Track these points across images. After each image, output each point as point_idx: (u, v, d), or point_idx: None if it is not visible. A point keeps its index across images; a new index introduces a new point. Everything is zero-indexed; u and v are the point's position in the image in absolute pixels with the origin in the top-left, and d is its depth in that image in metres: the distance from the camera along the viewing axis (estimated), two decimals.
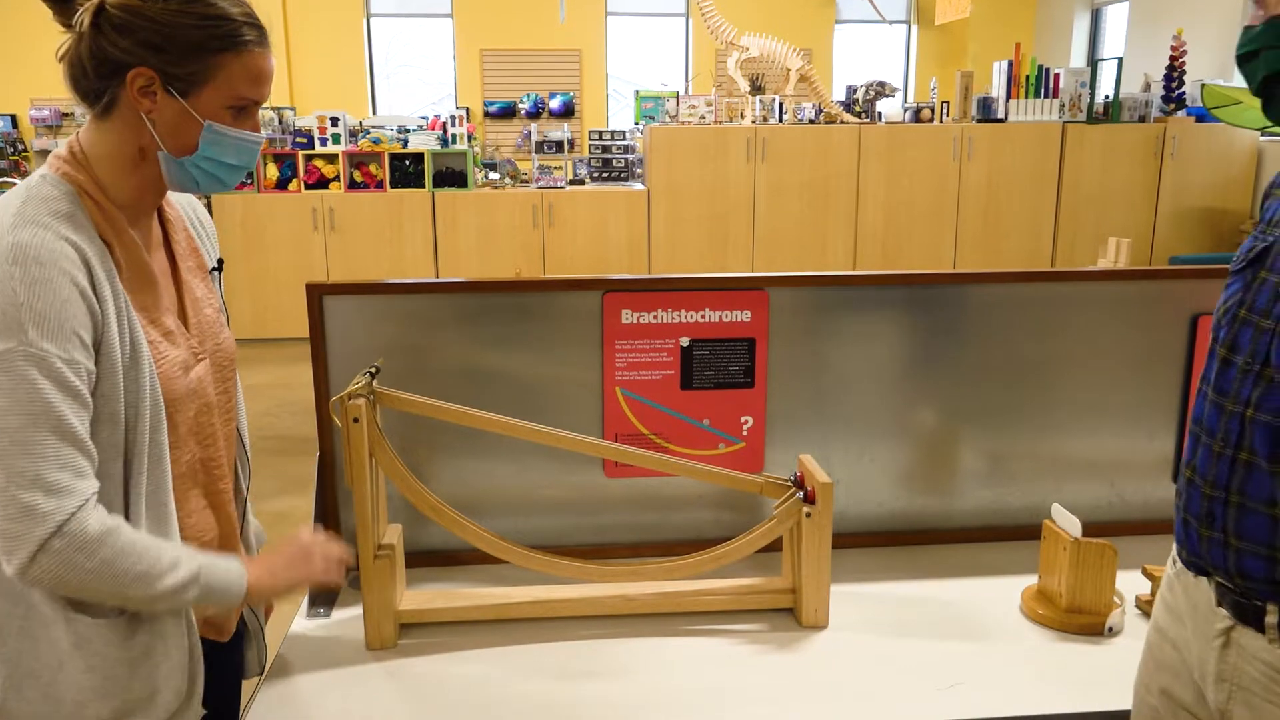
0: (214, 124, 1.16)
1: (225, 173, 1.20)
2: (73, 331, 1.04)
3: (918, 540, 1.89)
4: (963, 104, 7.05)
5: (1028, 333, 1.84)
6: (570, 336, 1.76)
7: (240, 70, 1.15)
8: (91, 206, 1.13)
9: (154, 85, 1.12)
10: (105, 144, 1.16)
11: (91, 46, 1.11)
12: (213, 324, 1.32)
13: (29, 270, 1.02)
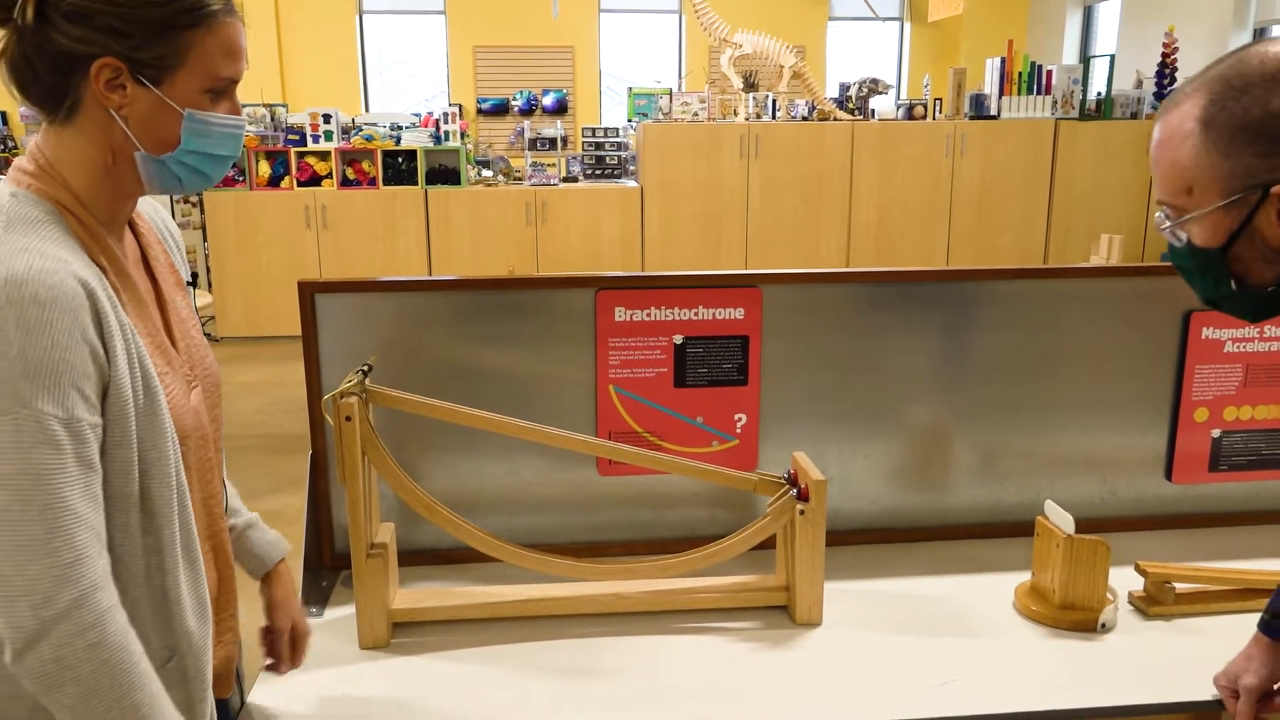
0: (194, 111, 1.02)
1: (211, 165, 1.07)
2: (73, 385, 0.91)
3: (911, 537, 1.89)
4: (955, 101, 7.05)
5: (1021, 329, 1.84)
6: (563, 334, 1.75)
7: (215, 46, 1.03)
8: (75, 225, 1.00)
9: (121, 76, 0.98)
10: (74, 151, 1.01)
11: (40, 41, 0.96)
12: (200, 346, 1.18)
13: (25, 313, 0.88)
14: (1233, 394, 1.89)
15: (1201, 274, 0.98)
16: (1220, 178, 0.91)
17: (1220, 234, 0.94)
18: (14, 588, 0.88)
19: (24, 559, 0.88)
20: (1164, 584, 1.59)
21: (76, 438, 0.91)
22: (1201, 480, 1.93)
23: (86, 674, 0.90)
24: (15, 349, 0.88)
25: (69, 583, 0.90)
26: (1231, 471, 1.93)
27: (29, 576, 0.88)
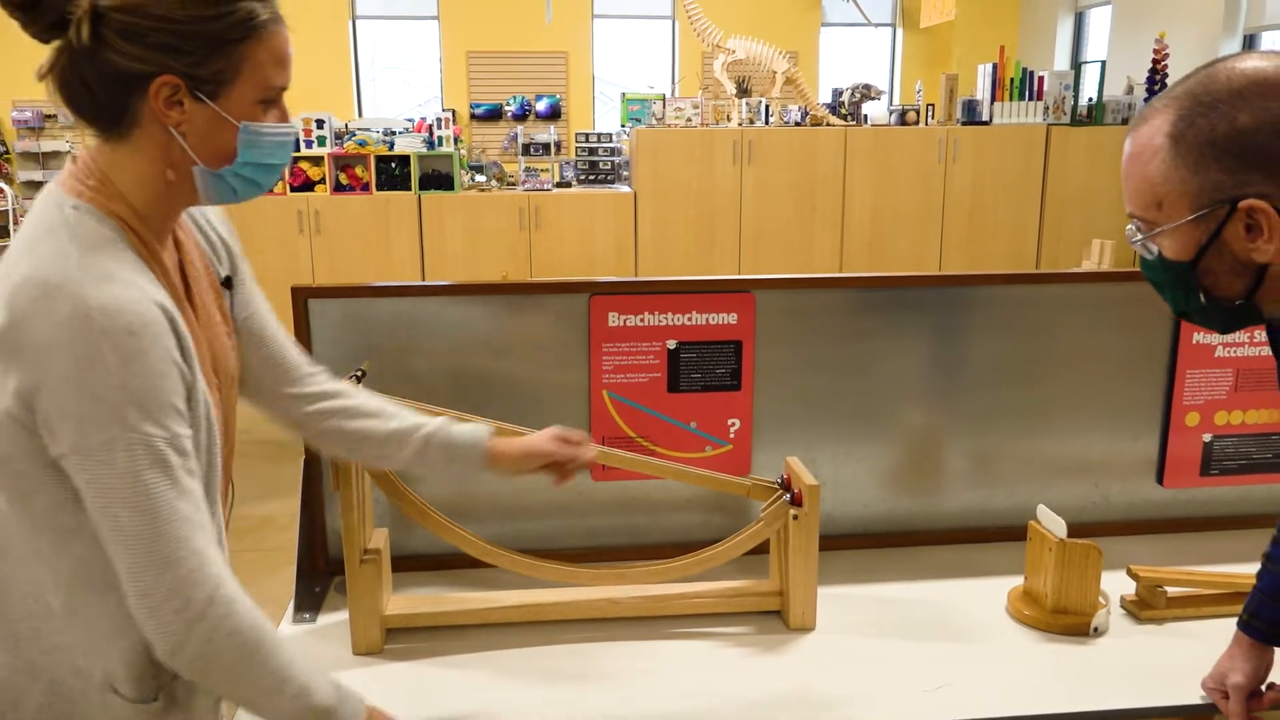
0: (249, 124, 1.02)
1: (264, 175, 1.07)
2: (171, 405, 0.96)
3: (904, 542, 1.90)
4: (948, 107, 7.07)
5: (1013, 334, 1.84)
6: (557, 339, 1.75)
7: (266, 56, 1.02)
8: (136, 243, 1.01)
9: (179, 93, 0.98)
10: (130, 168, 1.02)
11: (95, 60, 0.96)
12: (224, 349, 1.17)
13: (121, 343, 0.92)
14: (1223, 398, 1.89)
15: (1172, 286, 0.99)
16: (1189, 192, 0.92)
17: (1190, 247, 0.95)
18: (156, 598, 0.96)
19: (158, 571, 0.95)
20: (1156, 588, 1.60)
21: (180, 453, 0.97)
22: (1193, 484, 1.94)
23: (230, 659, 0.99)
24: (117, 378, 0.92)
25: (199, 585, 0.97)
26: (1222, 476, 1.94)
27: (167, 586, 0.96)
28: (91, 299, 0.92)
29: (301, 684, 1.04)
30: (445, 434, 1.34)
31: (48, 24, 0.96)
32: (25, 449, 0.96)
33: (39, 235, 0.98)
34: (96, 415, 0.92)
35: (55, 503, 0.99)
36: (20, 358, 0.92)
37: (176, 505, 0.96)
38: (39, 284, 0.93)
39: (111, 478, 0.94)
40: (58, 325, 0.91)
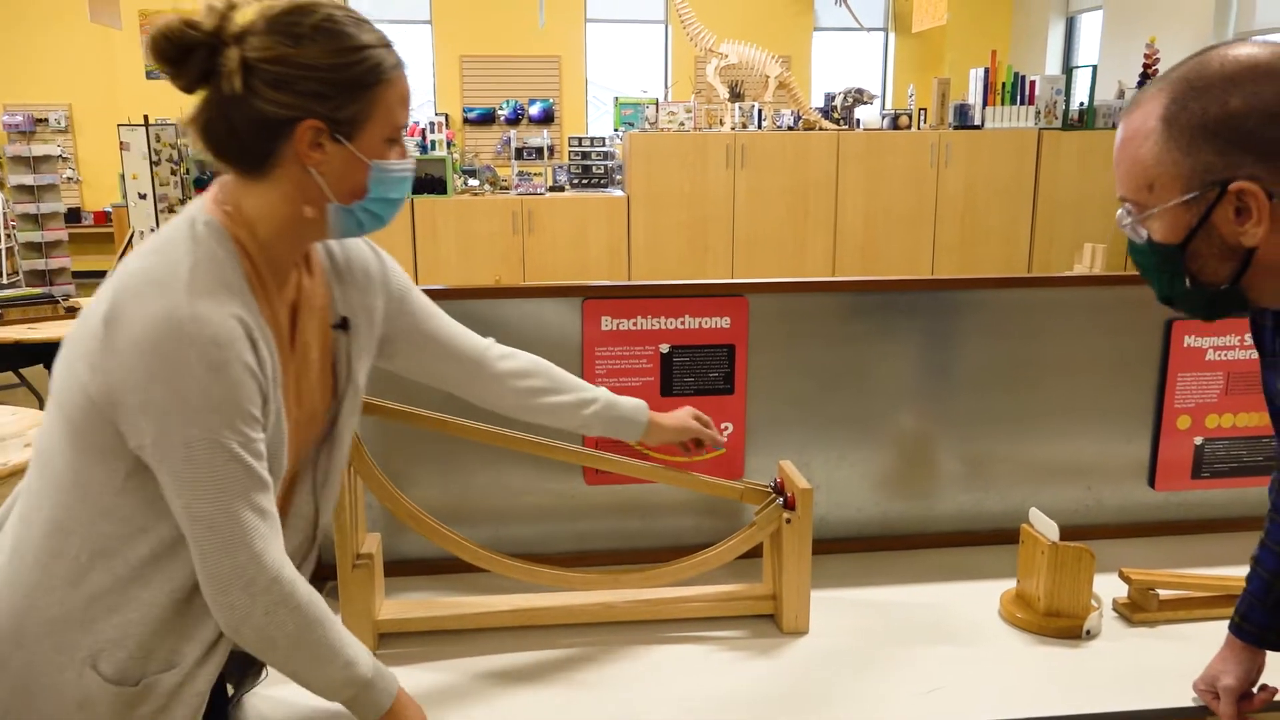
0: (379, 162, 1.09)
1: (387, 209, 1.13)
2: (248, 412, 1.03)
3: (897, 545, 1.90)
4: (940, 111, 7.09)
5: (1005, 338, 1.85)
6: (550, 343, 1.75)
7: (394, 98, 1.09)
8: (249, 267, 1.08)
9: (322, 135, 1.05)
10: (264, 204, 1.09)
11: (244, 108, 1.03)
12: (317, 388, 1.22)
13: (206, 352, 0.99)
14: (1214, 401, 1.90)
15: (1159, 270, 0.99)
16: (1181, 175, 0.93)
17: (1179, 230, 0.95)
18: (225, 578, 1.04)
19: (228, 554, 1.03)
20: (1148, 590, 1.60)
21: (254, 455, 1.05)
22: (1184, 487, 1.94)
23: (291, 630, 1.08)
24: (201, 384, 0.99)
25: (265, 567, 1.05)
26: (1214, 478, 1.94)
27: (235, 566, 1.04)
28: (185, 306, 0.99)
29: (349, 657, 1.13)
30: (615, 406, 1.51)
31: (194, 76, 1.04)
32: (92, 425, 1.02)
33: (166, 238, 1.07)
34: (181, 415, 0.99)
35: (103, 480, 1.05)
36: (115, 348, 0.99)
37: (249, 495, 1.04)
38: (145, 281, 1.01)
39: (190, 473, 1.01)
40: (151, 324, 0.98)
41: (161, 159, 7.24)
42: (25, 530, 1.08)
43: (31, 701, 1.06)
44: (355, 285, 1.27)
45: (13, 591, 1.07)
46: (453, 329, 1.41)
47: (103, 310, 1.01)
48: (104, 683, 1.07)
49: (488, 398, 1.45)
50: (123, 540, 1.06)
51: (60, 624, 1.06)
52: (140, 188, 7.21)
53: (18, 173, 7.84)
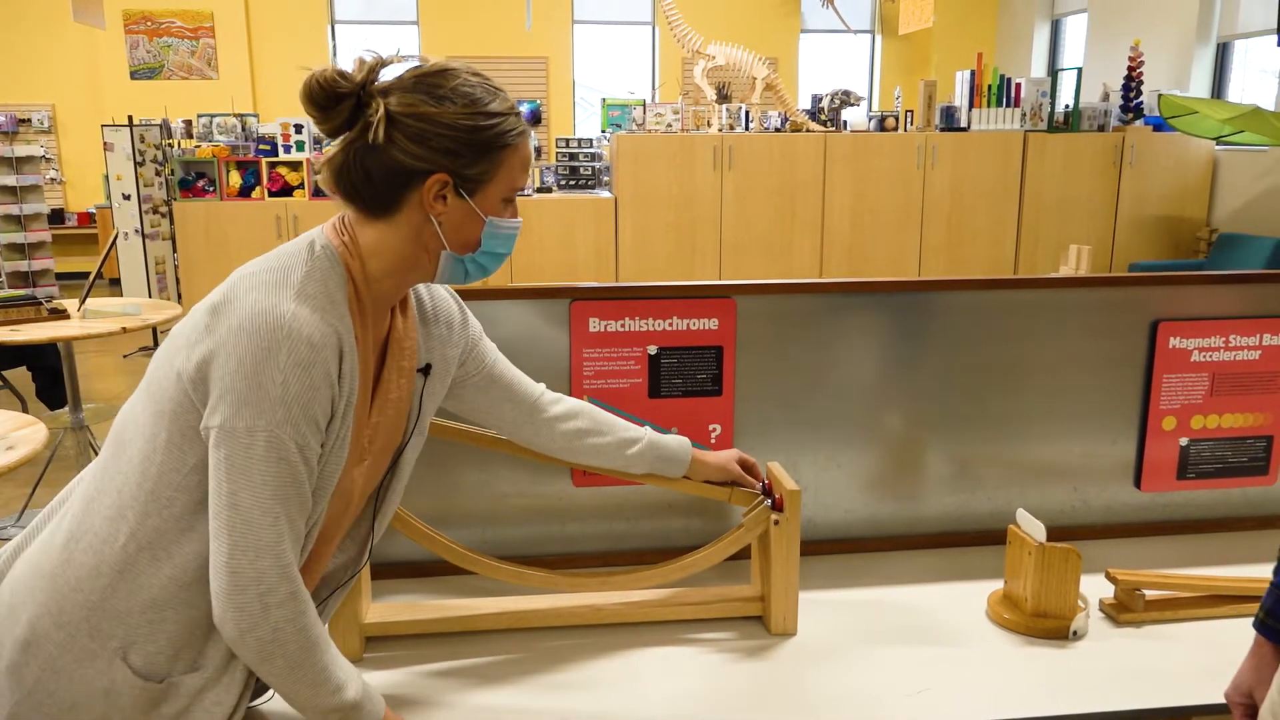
0: (494, 219, 1.17)
1: (493, 262, 1.21)
2: (315, 418, 1.07)
3: (885, 546, 1.90)
4: (926, 113, 7.13)
5: (992, 339, 1.85)
6: (538, 345, 1.75)
7: (518, 162, 1.17)
8: (353, 296, 1.14)
9: (447, 189, 1.13)
10: (381, 241, 1.16)
11: (381, 156, 1.11)
12: (391, 426, 1.27)
13: (298, 350, 1.04)
14: (1199, 403, 1.91)
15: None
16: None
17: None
18: (244, 579, 1.04)
19: (256, 556, 1.04)
20: (1134, 591, 1.61)
21: (307, 463, 1.08)
22: (1170, 488, 1.96)
23: (292, 649, 1.07)
24: (282, 376, 1.03)
25: (287, 579, 1.06)
26: (1199, 479, 1.95)
27: (259, 570, 1.04)
28: (289, 303, 1.06)
29: (339, 681, 1.12)
30: (659, 445, 1.55)
31: (339, 122, 1.12)
32: (177, 410, 1.07)
33: (285, 250, 1.14)
34: (254, 401, 1.03)
35: (169, 469, 1.08)
36: (215, 331, 1.05)
37: (289, 503, 1.06)
38: (258, 281, 1.08)
39: (246, 460, 1.04)
40: (254, 315, 1.04)
41: (145, 159, 7.20)
42: (86, 512, 1.11)
43: (60, 682, 1.08)
44: (439, 333, 1.34)
45: (64, 568, 1.09)
46: (513, 374, 1.47)
47: (212, 300, 1.08)
48: (131, 675, 1.08)
49: (537, 440, 1.50)
50: (170, 537, 1.08)
51: (99, 610, 1.08)
52: (124, 188, 7.17)
53: (0, 173, 7.78)
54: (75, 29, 8.91)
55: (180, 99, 9.40)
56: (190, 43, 9.99)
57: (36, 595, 1.09)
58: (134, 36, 9.96)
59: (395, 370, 1.25)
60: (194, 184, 6.93)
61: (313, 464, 1.09)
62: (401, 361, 1.26)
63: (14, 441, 2.40)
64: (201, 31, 9.97)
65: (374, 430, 1.23)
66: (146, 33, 9.97)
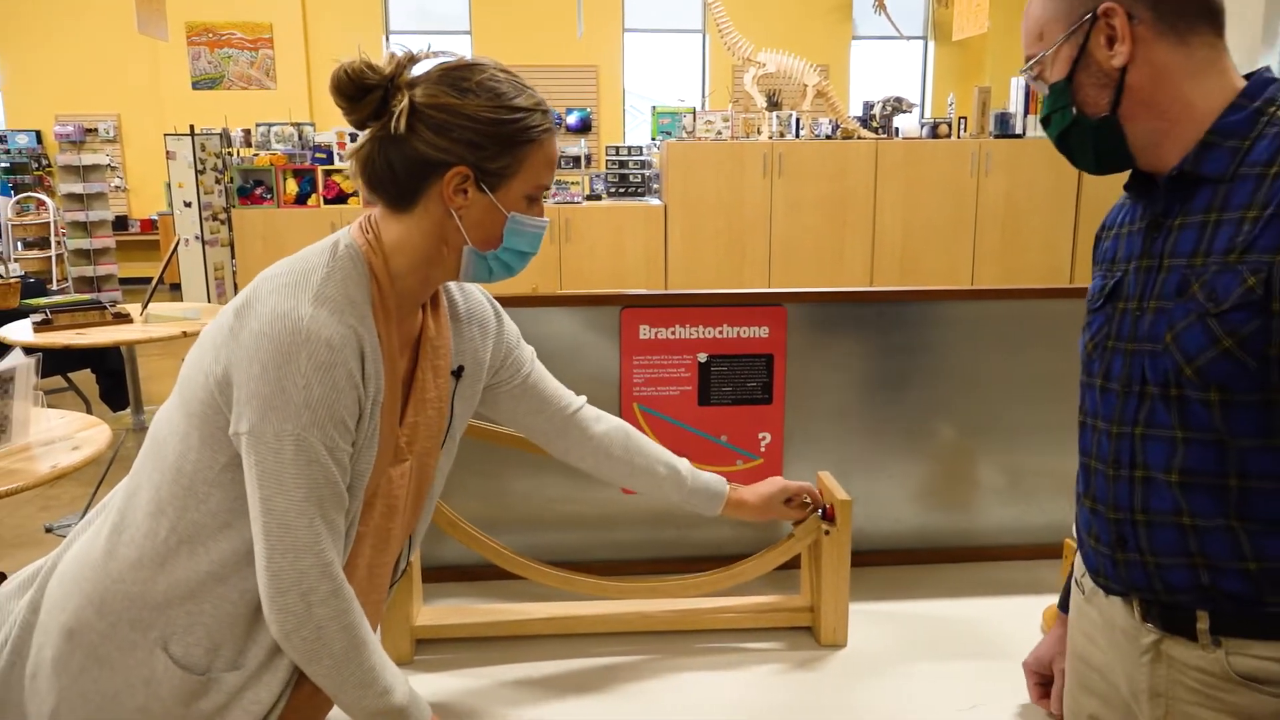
0: (516, 215, 1.16)
1: (518, 261, 1.20)
2: (341, 420, 1.07)
3: (938, 558, 1.87)
4: (980, 119, 7.03)
5: (1045, 348, 1.82)
6: (588, 352, 1.76)
7: (542, 159, 1.16)
8: (376, 294, 1.14)
9: (468, 182, 1.13)
10: (404, 236, 1.16)
11: (404, 147, 1.11)
12: (431, 428, 1.27)
13: (316, 353, 1.05)
14: None
15: (1053, 108, 1.08)
16: (1061, 15, 1.04)
17: (1065, 65, 1.05)
18: (286, 580, 1.05)
19: (295, 556, 1.05)
20: None
21: (337, 463, 1.08)
22: None
23: (338, 648, 1.08)
24: (304, 380, 1.04)
25: (328, 577, 1.07)
26: None
27: (299, 570, 1.05)
28: (308, 306, 1.06)
29: (386, 684, 1.12)
30: (696, 476, 1.52)
31: (367, 114, 1.12)
32: (205, 411, 1.08)
33: (309, 251, 1.14)
34: (278, 407, 1.04)
35: (203, 466, 1.09)
36: (238, 336, 1.06)
37: (324, 504, 1.07)
38: (279, 283, 1.08)
39: (276, 464, 1.05)
40: (273, 318, 1.05)
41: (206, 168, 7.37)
42: (128, 508, 1.14)
43: (103, 671, 1.10)
44: (472, 335, 1.33)
45: (108, 560, 1.12)
46: (550, 384, 1.46)
47: (237, 303, 1.09)
48: (171, 664, 1.10)
49: (571, 453, 1.48)
50: (208, 532, 1.10)
51: (139, 601, 1.10)
52: (185, 196, 7.35)
53: (68, 181, 8.02)
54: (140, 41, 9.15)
55: (239, 108, 9.61)
56: (249, 53, 10.21)
57: (81, 586, 1.12)
58: (195, 48, 10.21)
59: (430, 370, 1.24)
60: (252, 191, 7.08)
61: (344, 463, 1.09)
62: (436, 361, 1.26)
63: (79, 442, 2.47)
64: (260, 42, 10.19)
65: (412, 431, 1.23)
66: (208, 44, 10.22)
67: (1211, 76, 1.01)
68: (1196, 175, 1.00)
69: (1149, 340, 1.02)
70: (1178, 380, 0.98)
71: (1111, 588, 1.11)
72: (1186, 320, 0.97)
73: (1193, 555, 1.00)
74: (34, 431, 2.50)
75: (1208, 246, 0.97)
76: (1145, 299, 1.04)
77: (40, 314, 3.93)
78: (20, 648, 1.13)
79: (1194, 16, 1.01)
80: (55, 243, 8.21)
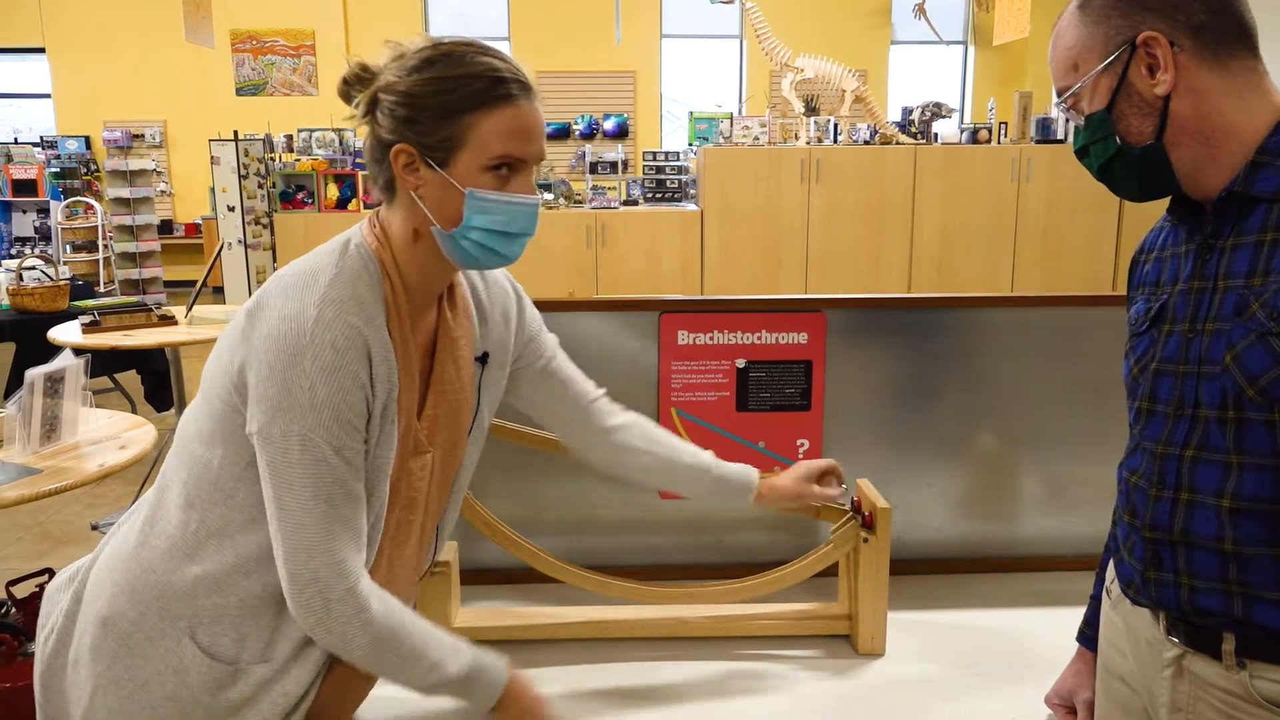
0: (474, 190, 1.09)
1: (499, 242, 1.12)
2: (348, 420, 1.07)
3: (978, 568, 1.86)
4: (1021, 125, 6.96)
5: (1087, 356, 1.80)
6: (626, 357, 1.76)
7: (492, 127, 1.08)
8: (389, 291, 1.13)
9: (415, 160, 1.10)
10: (393, 225, 1.16)
11: (370, 133, 1.13)
12: (452, 420, 1.25)
13: (322, 355, 1.05)
14: None
15: (1093, 139, 1.07)
16: (1097, 45, 1.03)
17: (1104, 95, 1.04)
18: (302, 578, 1.07)
19: (308, 555, 1.07)
20: None
21: (348, 462, 1.08)
22: None
23: (365, 641, 1.10)
24: (309, 382, 1.05)
25: (342, 575, 1.08)
26: None
27: (312, 569, 1.07)
28: (313, 309, 1.06)
29: (435, 659, 1.14)
30: (720, 467, 1.47)
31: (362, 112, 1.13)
32: (226, 409, 1.10)
33: (321, 250, 1.14)
34: (285, 408, 1.05)
35: (228, 463, 1.11)
36: (250, 337, 1.08)
37: (335, 502, 1.08)
38: (289, 285, 1.09)
39: (284, 465, 1.06)
40: (281, 320, 1.06)
41: (249, 173, 7.48)
42: (161, 501, 1.16)
43: (135, 659, 1.12)
44: (496, 322, 1.32)
45: (140, 551, 1.14)
46: (571, 371, 1.43)
47: (250, 304, 1.11)
48: (199, 653, 1.12)
49: (588, 444, 1.44)
50: (235, 527, 1.12)
51: (168, 591, 1.12)
52: (229, 200, 7.47)
53: (115, 186, 8.17)
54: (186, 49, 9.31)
55: (282, 114, 9.75)
56: (292, 60, 10.36)
57: (115, 576, 1.15)
58: (240, 55, 10.38)
59: (450, 362, 1.23)
60: (294, 196, 7.17)
61: (355, 462, 1.09)
62: (457, 353, 1.24)
63: (126, 441, 2.52)
64: (303, 49, 10.34)
65: (432, 423, 1.21)
66: (251, 51, 10.38)
67: (1254, 99, 1.01)
68: (1248, 195, 0.99)
69: (1204, 362, 1.01)
70: (1238, 402, 0.97)
71: (1139, 601, 1.10)
72: (1247, 340, 0.96)
73: (1229, 581, 0.99)
74: (82, 431, 2.55)
75: (1265, 265, 0.96)
76: (1198, 320, 1.02)
77: (89, 316, 4.00)
78: (64, 636, 1.17)
79: (1233, 42, 1.00)
80: (103, 246, 8.37)
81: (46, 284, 4.72)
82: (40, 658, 1.18)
